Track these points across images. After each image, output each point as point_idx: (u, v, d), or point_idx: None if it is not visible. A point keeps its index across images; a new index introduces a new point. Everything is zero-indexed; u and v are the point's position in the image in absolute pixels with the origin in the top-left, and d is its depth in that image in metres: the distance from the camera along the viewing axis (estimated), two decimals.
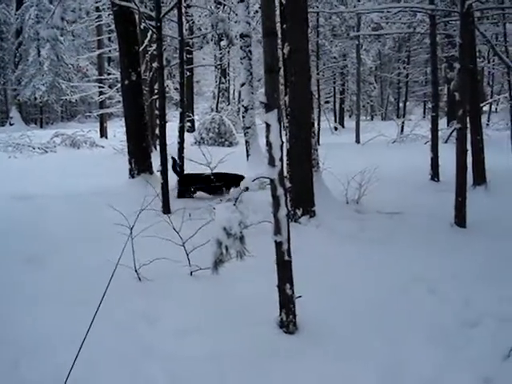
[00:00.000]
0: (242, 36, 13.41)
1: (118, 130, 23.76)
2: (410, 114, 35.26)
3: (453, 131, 17.97)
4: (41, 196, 9.79)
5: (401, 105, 37.00)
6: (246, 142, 14.01)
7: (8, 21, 39.98)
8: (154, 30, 8.40)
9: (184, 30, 10.56)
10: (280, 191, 4.05)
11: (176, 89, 22.94)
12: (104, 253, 5.58)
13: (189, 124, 23.83)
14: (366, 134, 23.81)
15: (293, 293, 4.27)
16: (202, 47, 26.82)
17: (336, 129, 30.52)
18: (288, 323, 4.31)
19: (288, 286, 4.23)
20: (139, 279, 5.54)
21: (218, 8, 21.18)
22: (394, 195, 9.65)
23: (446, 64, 16.26)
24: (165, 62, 8.62)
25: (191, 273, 5.67)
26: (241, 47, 13.70)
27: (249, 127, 13.90)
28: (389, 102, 39.78)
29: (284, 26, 7.57)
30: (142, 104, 11.01)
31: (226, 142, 21.70)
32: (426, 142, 19.66)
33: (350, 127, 29.14)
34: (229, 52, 26.29)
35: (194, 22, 25.13)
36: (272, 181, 4.04)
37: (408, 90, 33.01)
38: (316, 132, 15.49)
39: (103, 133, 26.48)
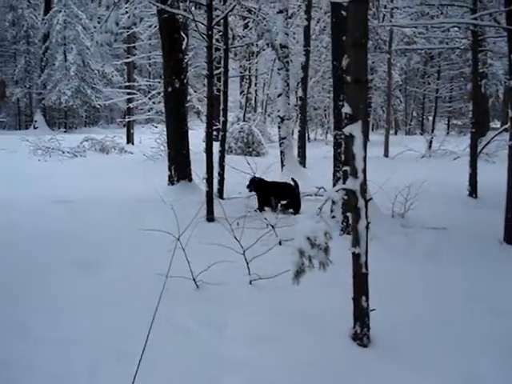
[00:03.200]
0: (281, 47, 13.49)
1: (143, 136, 23.83)
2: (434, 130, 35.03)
3: (483, 148, 17.83)
4: (82, 201, 9.84)
5: (424, 120, 36.86)
6: (281, 152, 14.02)
7: (35, 25, 40.51)
8: (205, 38, 8.46)
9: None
10: (361, 203, 4.03)
11: (200, 100, 23.01)
12: (153, 263, 5.71)
13: (215, 133, 23.80)
14: (392, 148, 23.67)
15: (368, 305, 4.25)
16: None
17: None
18: (362, 336, 4.27)
19: (364, 298, 4.21)
20: (197, 287, 5.53)
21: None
22: (436, 210, 9.61)
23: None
24: (207, 71, 8.65)
25: (250, 281, 5.66)
26: (279, 58, 13.77)
27: (284, 137, 13.91)
28: (413, 117, 39.72)
29: None
30: (184, 112, 11.07)
31: (254, 152, 21.45)
32: (456, 158, 19.54)
33: (374, 140, 28.95)
34: (257, 62, 26.31)
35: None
36: (353, 192, 4.02)
37: (435, 105, 32.67)
38: None
39: (130, 139, 26.64)
